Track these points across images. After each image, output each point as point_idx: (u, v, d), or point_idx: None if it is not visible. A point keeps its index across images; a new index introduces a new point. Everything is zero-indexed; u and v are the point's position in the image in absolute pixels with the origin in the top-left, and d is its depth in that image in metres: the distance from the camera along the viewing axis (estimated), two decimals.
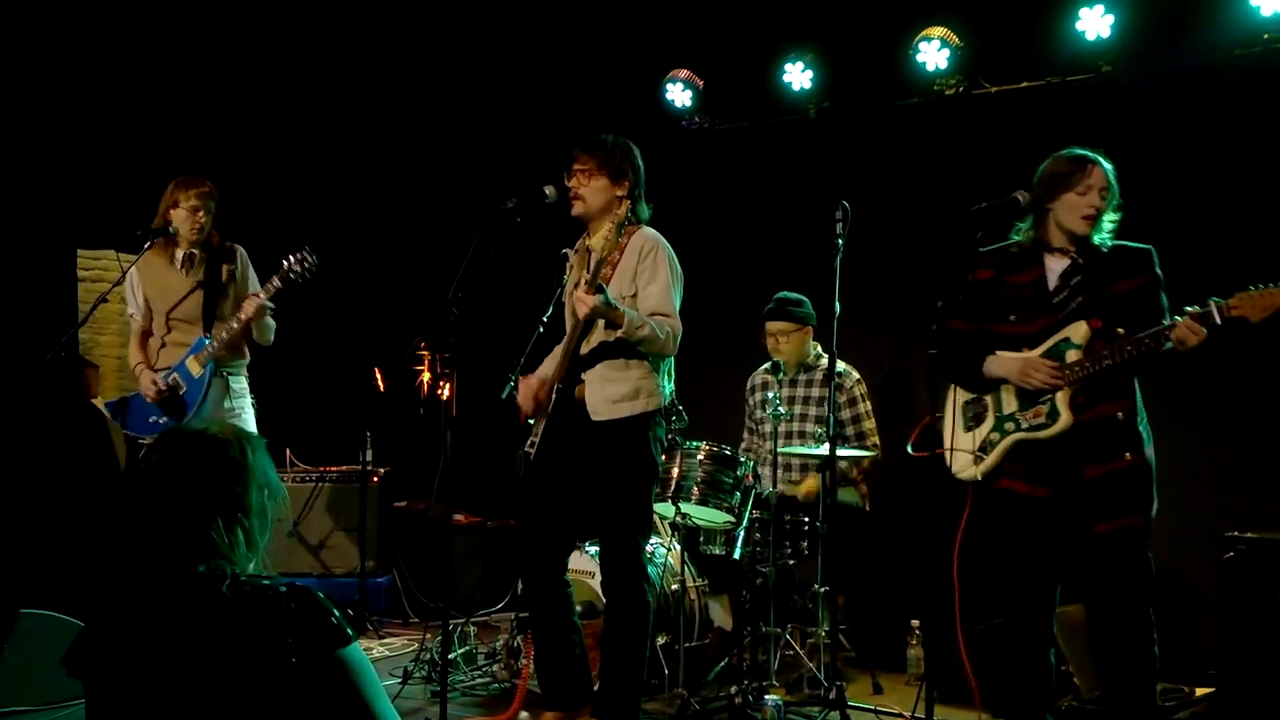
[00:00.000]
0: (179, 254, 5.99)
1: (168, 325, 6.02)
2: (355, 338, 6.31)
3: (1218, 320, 3.96)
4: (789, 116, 7.30)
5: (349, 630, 2.28)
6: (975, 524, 4.37)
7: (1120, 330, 4.15)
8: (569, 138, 5.02)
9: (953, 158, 6.62)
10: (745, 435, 6.61)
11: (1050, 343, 4.27)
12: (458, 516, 7.68)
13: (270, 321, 6.00)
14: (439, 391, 8.20)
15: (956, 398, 4.53)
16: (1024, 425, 4.30)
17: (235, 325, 5.87)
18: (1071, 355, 4.21)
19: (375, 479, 7.60)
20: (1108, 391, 4.21)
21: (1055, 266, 4.34)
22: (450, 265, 4.78)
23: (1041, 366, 4.25)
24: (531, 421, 4.89)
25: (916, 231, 6.57)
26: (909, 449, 4.56)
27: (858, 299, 5.87)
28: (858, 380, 6.31)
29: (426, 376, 8.33)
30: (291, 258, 5.76)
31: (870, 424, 6.28)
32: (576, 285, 4.85)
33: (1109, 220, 4.29)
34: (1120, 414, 4.20)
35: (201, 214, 5.93)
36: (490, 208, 4.78)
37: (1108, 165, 4.29)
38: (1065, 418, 4.21)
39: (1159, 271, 4.26)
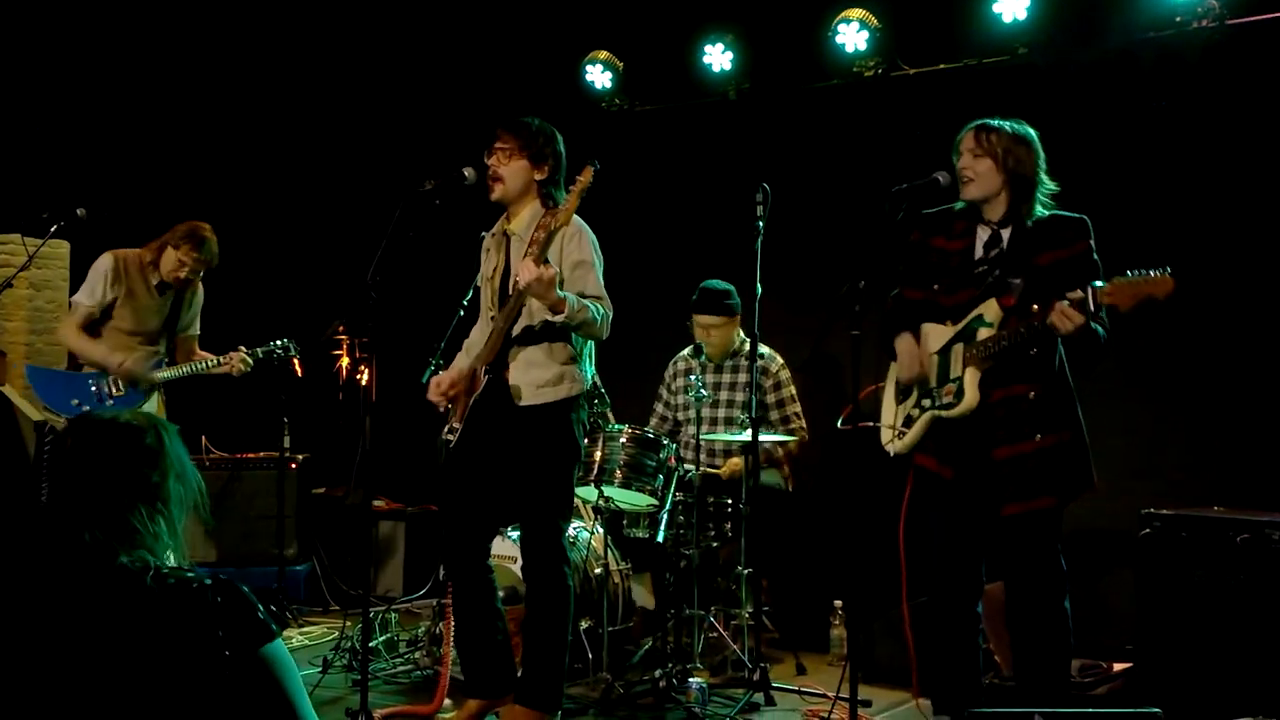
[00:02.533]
0: (155, 279, 6.16)
1: (127, 335, 6.14)
2: (272, 322, 6.23)
3: (1091, 307, 3.85)
4: (709, 98, 7.29)
5: (273, 626, 2.22)
6: (898, 499, 4.39)
7: (1034, 307, 4.04)
8: (488, 119, 4.97)
9: (872, 139, 6.65)
10: (653, 419, 6.57)
11: (965, 321, 4.23)
12: (378, 503, 7.60)
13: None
14: (358, 376, 8.10)
15: (894, 369, 4.50)
16: (937, 402, 4.28)
17: (201, 366, 6.24)
18: (983, 334, 4.16)
19: (293, 465, 7.49)
20: (1018, 372, 4.14)
21: (982, 236, 4.29)
22: (368, 248, 4.71)
23: (919, 371, 4.30)
24: (450, 406, 4.83)
25: (837, 213, 6.58)
26: (839, 423, 4.55)
27: (779, 281, 5.89)
28: (782, 365, 6.31)
29: (345, 361, 8.23)
30: (281, 343, 6.27)
31: (796, 407, 6.29)
32: (495, 269, 4.80)
33: (1043, 191, 4.23)
34: (1031, 394, 4.14)
35: (187, 271, 6.13)
36: (408, 189, 4.72)
37: (998, 125, 4.23)
38: (970, 398, 4.16)
39: (1091, 240, 4.14)
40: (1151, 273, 3.79)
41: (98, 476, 2.27)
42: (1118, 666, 5.24)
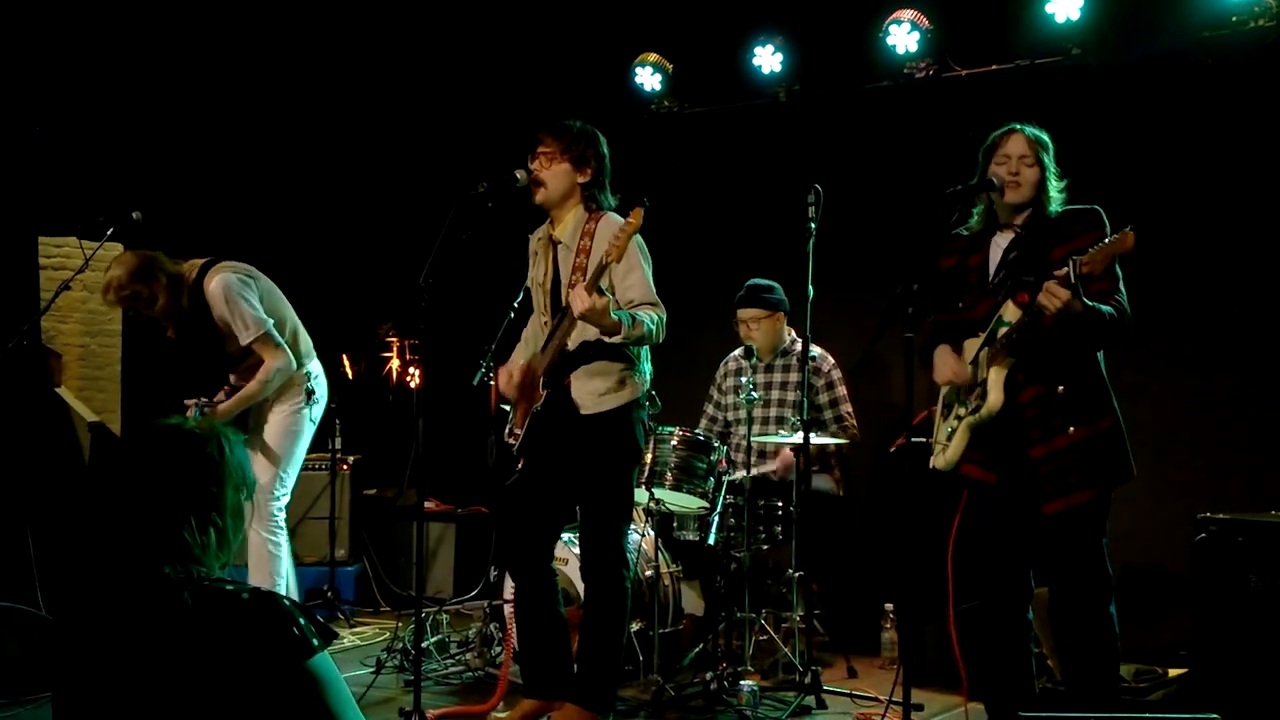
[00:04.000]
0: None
1: None
2: (322, 324, 6.26)
3: (1072, 279, 3.83)
4: (759, 100, 7.27)
5: (314, 640, 2.18)
6: (951, 510, 4.36)
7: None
8: (538, 121, 4.98)
9: (924, 140, 6.61)
10: (703, 421, 6.57)
11: (990, 327, 4.22)
12: (428, 504, 7.64)
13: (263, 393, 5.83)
14: (407, 378, 8.14)
15: (941, 387, 4.49)
16: (969, 409, 4.28)
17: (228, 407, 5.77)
18: (1002, 334, 4.15)
19: (345, 467, 7.55)
20: (1045, 367, 4.13)
21: (1001, 243, 4.30)
22: (418, 250, 4.73)
23: (959, 374, 4.28)
24: (506, 408, 4.85)
25: (889, 214, 6.56)
26: (890, 449, 4.52)
27: (831, 283, 5.87)
28: (834, 364, 6.28)
29: (395, 363, 8.27)
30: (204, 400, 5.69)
31: (848, 407, 6.26)
32: (545, 275, 4.81)
33: (1055, 189, 4.22)
34: (1060, 388, 4.13)
35: (126, 312, 5.75)
36: (460, 192, 4.73)
37: (1034, 132, 4.24)
38: (994, 397, 4.16)
39: (1105, 229, 4.08)
40: (1113, 236, 3.82)
41: (153, 485, 2.27)
42: (1173, 672, 5.20)
